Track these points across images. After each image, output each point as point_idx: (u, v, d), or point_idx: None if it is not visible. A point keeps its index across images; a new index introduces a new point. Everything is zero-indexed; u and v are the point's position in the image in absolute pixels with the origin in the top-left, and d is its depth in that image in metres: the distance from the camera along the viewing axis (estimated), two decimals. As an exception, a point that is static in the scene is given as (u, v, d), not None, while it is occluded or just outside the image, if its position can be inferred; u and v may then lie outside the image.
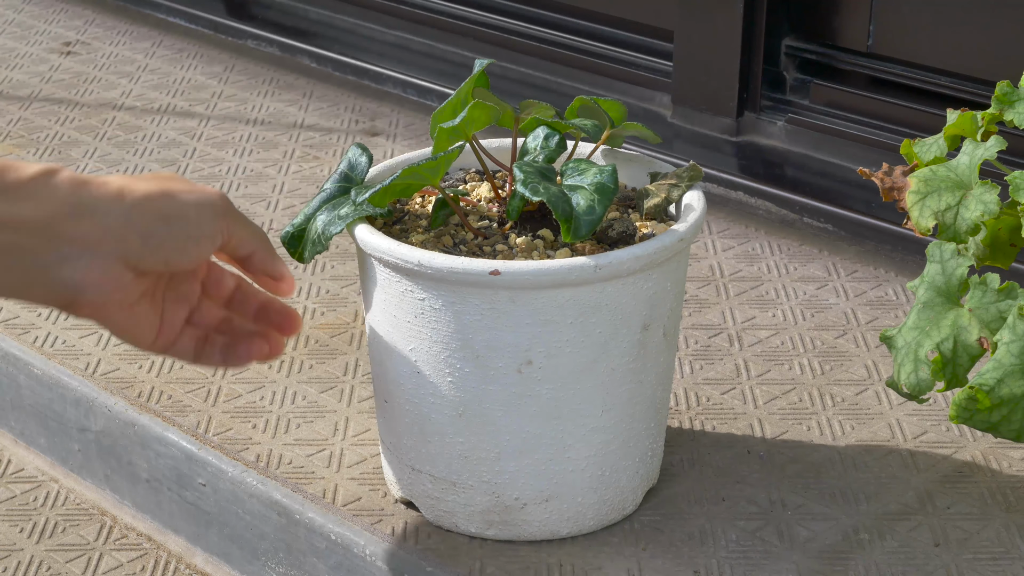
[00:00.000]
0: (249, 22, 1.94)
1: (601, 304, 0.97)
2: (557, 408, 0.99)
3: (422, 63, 1.80)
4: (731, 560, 1.01)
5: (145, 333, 0.95)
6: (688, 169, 1.05)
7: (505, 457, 1.00)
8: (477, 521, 1.03)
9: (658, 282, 0.99)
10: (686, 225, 1.00)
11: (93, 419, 1.22)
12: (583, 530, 1.04)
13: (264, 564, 1.12)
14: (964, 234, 1.01)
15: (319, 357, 1.25)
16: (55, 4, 2.09)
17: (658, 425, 1.05)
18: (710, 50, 1.54)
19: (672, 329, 1.03)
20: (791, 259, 1.39)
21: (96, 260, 0.89)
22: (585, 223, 0.97)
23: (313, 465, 1.11)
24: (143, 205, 0.90)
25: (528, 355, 0.97)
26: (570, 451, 1.00)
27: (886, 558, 1.01)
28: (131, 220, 0.89)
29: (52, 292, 0.89)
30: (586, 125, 1.05)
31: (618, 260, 0.96)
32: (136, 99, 1.77)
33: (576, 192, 0.98)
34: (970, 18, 1.40)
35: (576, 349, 0.97)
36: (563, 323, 0.97)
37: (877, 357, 1.23)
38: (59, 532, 1.21)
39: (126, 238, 0.89)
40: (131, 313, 0.93)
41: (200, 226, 0.92)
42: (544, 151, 1.04)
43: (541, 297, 0.96)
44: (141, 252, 0.90)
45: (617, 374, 0.99)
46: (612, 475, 1.03)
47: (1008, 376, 0.98)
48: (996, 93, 1.06)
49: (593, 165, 1.00)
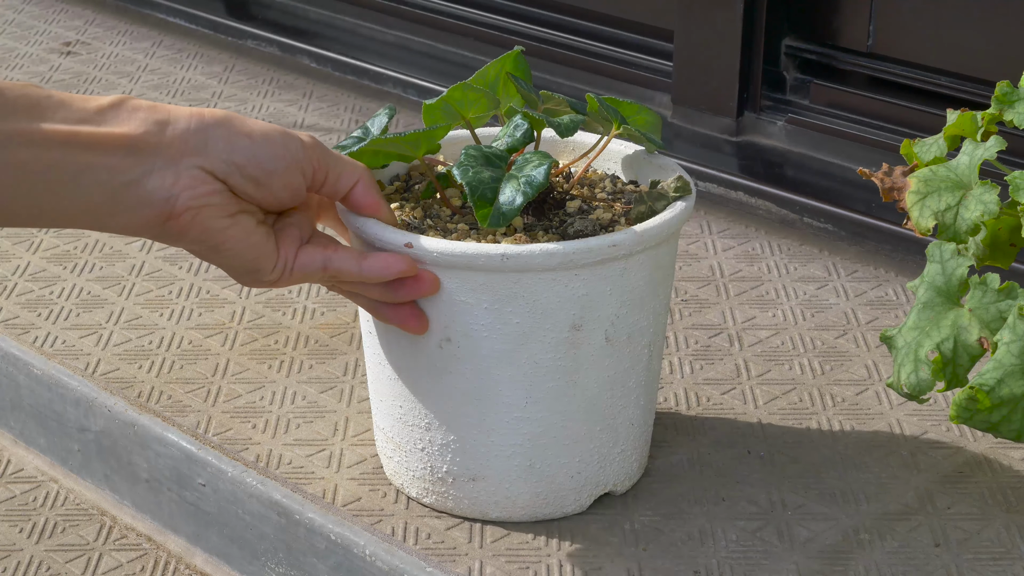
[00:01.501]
0: (249, 22, 1.94)
1: (516, 294, 0.97)
2: (478, 389, 1.00)
3: (422, 63, 1.80)
4: (731, 560, 1.01)
5: (264, 256, 0.94)
6: (677, 181, 1.03)
7: (434, 428, 1.03)
8: (416, 487, 1.06)
9: (590, 284, 0.98)
10: (626, 235, 0.98)
11: (93, 419, 1.22)
12: (513, 517, 1.05)
13: (264, 564, 1.12)
14: (964, 234, 1.01)
15: (319, 357, 1.25)
16: (55, 4, 2.09)
17: (609, 433, 1.04)
18: (710, 50, 1.54)
19: (622, 336, 1.01)
20: (791, 259, 1.39)
21: (183, 171, 0.89)
22: (500, 213, 0.96)
23: (313, 465, 1.11)
24: (224, 124, 0.91)
25: (447, 332, 0.99)
26: (494, 435, 1.02)
27: (886, 558, 1.01)
28: (214, 136, 0.90)
29: (146, 207, 0.89)
30: (562, 120, 1.03)
31: (528, 253, 0.96)
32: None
33: (509, 182, 0.98)
34: (970, 18, 1.40)
35: (492, 335, 0.98)
36: (478, 307, 0.98)
37: (877, 357, 1.23)
38: (59, 532, 1.21)
39: (208, 152, 0.90)
40: (239, 226, 0.92)
41: (286, 148, 0.93)
42: (509, 138, 1.02)
43: (455, 277, 0.97)
44: (226, 167, 0.91)
45: (542, 368, 1.00)
46: (545, 469, 1.03)
47: (1008, 376, 0.98)
48: (996, 93, 1.06)
49: (543, 159, 0.99)
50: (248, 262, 0.94)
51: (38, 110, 0.86)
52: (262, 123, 0.93)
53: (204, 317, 1.31)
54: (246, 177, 0.91)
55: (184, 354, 1.25)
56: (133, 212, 0.89)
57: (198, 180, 0.90)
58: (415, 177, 1.09)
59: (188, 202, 0.90)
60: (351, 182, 0.97)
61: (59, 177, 0.86)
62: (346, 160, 0.97)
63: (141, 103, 0.90)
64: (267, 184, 0.92)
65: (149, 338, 1.28)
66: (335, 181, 0.96)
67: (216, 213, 0.91)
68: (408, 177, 1.09)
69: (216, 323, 1.30)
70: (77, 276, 1.38)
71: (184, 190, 0.89)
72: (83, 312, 1.32)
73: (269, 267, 0.95)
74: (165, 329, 1.29)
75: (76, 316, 1.32)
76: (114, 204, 0.88)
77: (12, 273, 1.39)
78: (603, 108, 1.03)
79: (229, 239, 0.92)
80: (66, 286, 1.37)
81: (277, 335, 1.28)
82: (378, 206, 0.98)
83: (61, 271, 1.39)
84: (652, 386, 1.06)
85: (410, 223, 1.02)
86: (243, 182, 0.91)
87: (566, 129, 1.01)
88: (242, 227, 0.93)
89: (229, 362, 1.24)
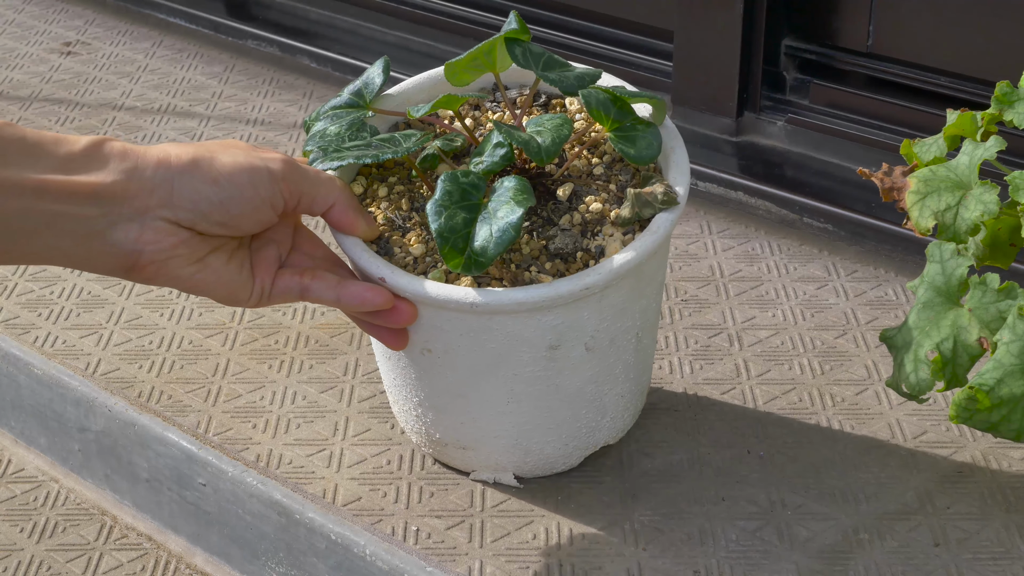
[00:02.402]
0: (249, 22, 1.94)
1: (490, 327, 0.97)
2: (462, 388, 1.02)
3: (422, 63, 1.79)
4: (731, 560, 1.01)
5: (238, 289, 0.95)
6: (665, 192, 1.01)
7: (424, 408, 1.05)
8: (416, 438, 1.10)
9: (565, 316, 0.98)
10: (600, 275, 0.96)
11: (93, 419, 1.22)
12: (501, 479, 1.08)
13: (264, 564, 1.12)
14: (964, 234, 1.01)
15: (319, 357, 1.25)
16: (55, 4, 2.09)
17: (596, 411, 1.05)
18: (710, 50, 1.54)
19: (603, 343, 1.01)
20: (791, 259, 1.39)
21: (148, 223, 0.89)
22: (475, 262, 0.95)
23: (313, 465, 1.11)
24: (190, 170, 0.90)
25: (427, 344, 1.00)
26: (480, 422, 1.03)
27: (886, 558, 1.01)
28: (179, 186, 0.90)
29: (111, 257, 0.90)
30: (543, 143, 0.98)
31: (496, 303, 0.95)
32: (136, 99, 1.77)
33: (483, 224, 0.95)
34: (970, 18, 1.40)
35: (470, 354, 0.99)
36: (453, 333, 0.98)
37: (877, 357, 1.23)
38: (59, 532, 1.21)
39: (174, 203, 0.90)
40: (208, 269, 0.93)
41: (255, 189, 0.92)
42: (488, 160, 0.99)
43: (426, 308, 0.98)
44: (192, 216, 0.91)
45: (522, 378, 1.00)
46: (532, 446, 1.05)
47: (1008, 376, 0.98)
48: (996, 93, 1.06)
49: (519, 195, 0.95)
50: (223, 296, 0.95)
51: (9, 155, 0.86)
52: (230, 162, 0.92)
53: (204, 317, 1.31)
54: (213, 223, 0.91)
55: (184, 354, 1.25)
56: (101, 259, 0.90)
57: (163, 233, 0.90)
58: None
59: (152, 255, 0.90)
60: (327, 204, 0.97)
61: (30, 224, 0.86)
62: (322, 180, 0.96)
63: (114, 148, 0.89)
64: (236, 225, 0.93)
65: (149, 338, 1.28)
66: (309, 204, 0.96)
67: (183, 263, 0.91)
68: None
69: (216, 323, 1.30)
70: (77, 276, 1.38)
71: (148, 244, 0.89)
72: (83, 312, 1.32)
73: (245, 296, 0.96)
74: (165, 329, 1.29)
75: (76, 316, 1.32)
76: (84, 250, 0.89)
77: (12, 273, 1.39)
78: (597, 107, 1.01)
79: (199, 283, 0.93)
80: (66, 286, 1.37)
81: (277, 335, 1.28)
82: (354, 225, 0.98)
83: (61, 271, 1.39)
84: (645, 357, 1.07)
85: (394, 220, 1.02)
86: (210, 227, 0.91)
87: (546, 153, 0.97)
88: (212, 269, 0.93)
89: (229, 362, 1.24)
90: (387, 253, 1.01)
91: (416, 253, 1.00)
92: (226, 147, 0.93)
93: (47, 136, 0.88)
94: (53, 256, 0.89)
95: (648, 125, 1.02)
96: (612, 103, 1.01)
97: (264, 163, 0.93)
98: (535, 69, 1.02)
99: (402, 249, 1.01)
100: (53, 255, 0.89)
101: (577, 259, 0.99)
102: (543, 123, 1.00)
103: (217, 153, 0.92)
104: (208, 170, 0.91)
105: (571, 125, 1.00)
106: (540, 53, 1.03)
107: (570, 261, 0.99)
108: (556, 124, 1.00)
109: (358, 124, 1.03)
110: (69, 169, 0.88)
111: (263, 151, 0.95)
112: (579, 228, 1.01)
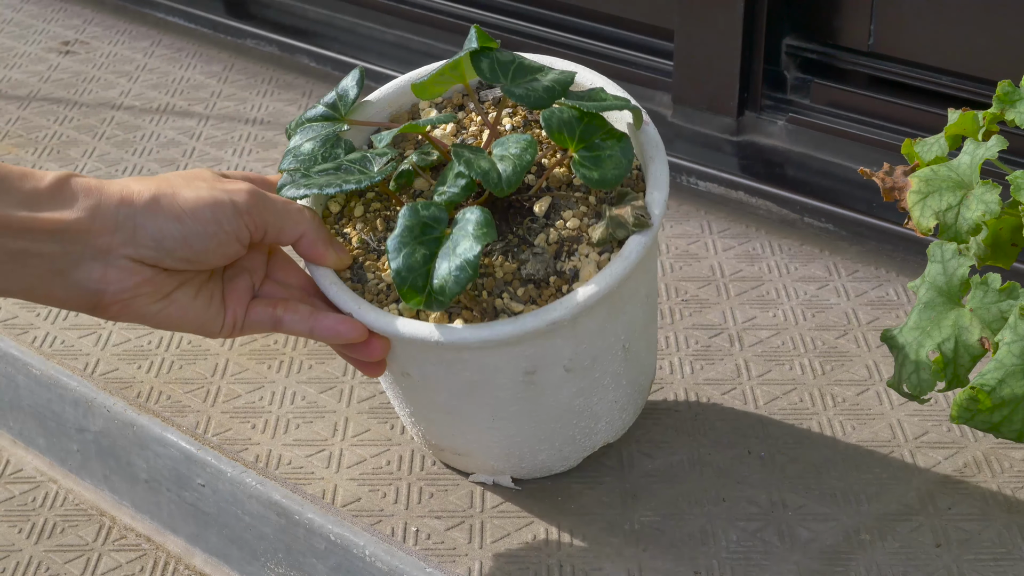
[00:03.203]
0: (248, 21, 1.94)
1: (462, 359, 0.97)
2: (446, 405, 1.01)
3: (422, 63, 1.79)
4: (732, 561, 1.01)
5: (208, 322, 0.94)
6: (636, 216, 0.97)
7: (417, 418, 1.05)
8: (414, 435, 1.09)
9: (537, 346, 0.96)
10: (566, 308, 0.94)
11: (92, 419, 1.22)
12: (500, 481, 1.08)
13: (263, 565, 1.12)
14: (965, 234, 1.01)
15: (318, 357, 1.24)
16: (54, 3, 2.09)
17: (589, 419, 1.04)
18: (710, 49, 1.54)
19: (584, 363, 0.99)
20: (792, 259, 1.39)
21: (111, 262, 0.89)
22: (435, 300, 0.93)
23: (312, 466, 1.11)
24: (152, 208, 0.89)
25: (405, 368, 0.99)
26: (468, 435, 1.03)
27: (887, 559, 1.01)
28: (141, 224, 0.89)
29: (74, 295, 0.89)
30: (504, 171, 0.95)
31: (461, 341, 0.94)
32: (135, 98, 1.77)
33: (443, 260, 0.93)
34: (971, 17, 1.40)
35: (446, 380, 0.98)
36: (427, 363, 0.98)
37: (878, 357, 1.23)
38: (58, 533, 1.21)
39: (137, 242, 0.89)
40: (175, 305, 0.92)
41: (219, 224, 0.91)
42: (451, 190, 0.97)
43: (397, 340, 0.97)
44: (155, 254, 0.90)
45: (502, 399, 0.99)
46: (525, 454, 1.04)
47: (1009, 376, 0.98)
48: (997, 92, 1.06)
49: (480, 230, 0.93)
50: (193, 329, 0.94)
51: None
52: (193, 197, 0.90)
53: (203, 317, 1.31)
54: (177, 259, 0.90)
55: (183, 354, 1.25)
56: (64, 297, 0.89)
57: (127, 272, 0.89)
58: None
59: (117, 295, 0.89)
60: (295, 236, 0.95)
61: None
62: (290, 211, 0.95)
63: (79, 185, 0.88)
64: (201, 260, 0.91)
65: (148, 338, 1.28)
66: (276, 235, 0.95)
67: (148, 300, 0.91)
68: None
69: (215, 323, 1.30)
70: (76, 276, 1.38)
71: (112, 283, 0.89)
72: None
73: (216, 328, 0.95)
74: (164, 329, 1.29)
75: (75, 316, 1.32)
76: (48, 287, 0.88)
77: (11, 273, 1.39)
78: (559, 129, 0.96)
79: (166, 319, 0.92)
80: (65, 286, 1.37)
81: (277, 335, 1.28)
82: (324, 256, 0.97)
83: (60, 271, 1.39)
84: (639, 361, 1.05)
85: (368, 242, 1.01)
86: (175, 263, 0.90)
87: (507, 184, 0.94)
88: (178, 305, 0.92)
89: (228, 362, 1.24)
90: (360, 280, 0.99)
91: (389, 280, 0.99)
92: (189, 180, 0.92)
93: (13, 170, 0.87)
94: (15, 291, 0.88)
95: (619, 139, 0.97)
96: (578, 121, 0.97)
97: (228, 196, 0.91)
98: (502, 82, 0.98)
99: (375, 275, 0.99)
100: (15, 291, 0.88)
101: (551, 284, 0.97)
102: (508, 146, 0.96)
103: (179, 188, 0.91)
104: (170, 206, 0.89)
105: (536, 147, 0.96)
106: (509, 62, 0.99)
107: (543, 286, 0.97)
108: (521, 148, 0.96)
109: (332, 140, 1.00)
110: (33, 206, 0.87)
111: (229, 182, 0.93)
112: (555, 247, 0.98)
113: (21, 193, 0.87)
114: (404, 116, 1.08)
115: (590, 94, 1.00)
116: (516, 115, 1.05)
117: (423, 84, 1.01)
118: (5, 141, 1.66)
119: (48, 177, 0.88)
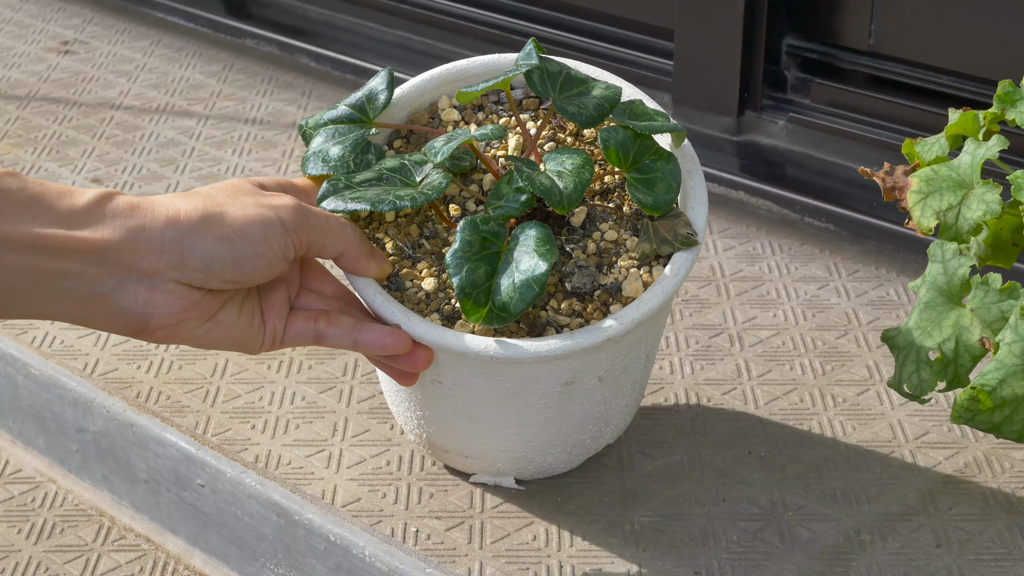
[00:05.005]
0: (248, 21, 1.94)
1: (506, 371, 0.96)
2: (470, 412, 1.01)
3: (422, 63, 1.79)
4: (732, 561, 1.01)
5: (250, 340, 0.92)
6: (686, 235, 0.98)
7: (428, 421, 1.04)
8: (413, 438, 1.09)
9: (583, 359, 0.97)
10: (618, 326, 0.95)
11: (91, 420, 1.21)
12: (502, 482, 1.07)
13: (263, 565, 1.12)
14: (966, 234, 1.01)
15: (318, 357, 1.24)
16: (53, 3, 2.09)
17: (602, 424, 1.04)
18: (711, 49, 1.53)
19: (616, 373, 1.00)
20: (792, 259, 1.39)
21: (157, 285, 0.86)
22: (497, 316, 0.93)
23: (312, 466, 1.11)
24: (202, 229, 0.87)
25: (438, 376, 0.99)
26: (485, 441, 1.03)
27: (888, 559, 1.01)
28: (190, 246, 0.86)
29: (118, 319, 0.86)
30: (565, 188, 0.95)
31: (516, 356, 0.94)
32: (134, 98, 1.77)
33: (505, 276, 0.93)
34: (972, 17, 1.40)
35: (483, 390, 0.98)
36: (468, 373, 0.97)
37: (878, 357, 1.23)
38: (57, 533, 1.21)
39: (185, 265, 0.86)
40: (220, 326, 0.90)
41: (268, 244, 0.89)
42: (507, 208, 0.96)
43: (443, 353, 0.97)
44: (204, 276, 0.87)
45: (533, 408, 0.99)
46: (535, 457, 1.04)
47: (1010, 376, 0.98)
48: (998, 92, 1.06)
49: (544, 250, 0.93)
50: (235, 347, 0.92)
51: (7, 206, 0.82)
52: (242, 216, 0.88)
53: (203, 317, 1.31)
54: (225, 280, 0.88)
55: (183, 354, 1.25)
56: (107, 321, 0.86)
57: (174, 296, 0.86)
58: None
59: (164, 319, 0.87)
60: (337, 252, 0.94)
61: (26, 281, 0.83)
62: (332, 228, 0.93)
63: (120, 203, 0.85)
64: (248, 280, 0.89)
65: (148, 338, 1.28)
66: (319, 251, 0.93)
67: (194, 324, 0.89)
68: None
69: (215, 323, 1.30)
70: (76, 276, 1.38)
71: (159, 307, 0.86)
72: (81, 312, 1.32)
73: (257, 345, 0.93)
74: (164, 329, 1.29)
75: (74, 316, 1.31)
76: (87, 310, 0.85)
77: (10, 273, 1.39)
78: (616, 148, 0.97)
79: (211, 340, 0.90)
80: (64, 286, 1.36)
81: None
82: (365, 269, 0.95)
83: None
84: (649, 368, 1.06)
85: (403, 249, 1.00)
86: (222, 284, 0.88)
87: (569, 202, 0.94)
88: (223, 325, 0.90)
89: (228, 362, 1.24)
90: (398, 288, 0.99)
91: (428, 288, 0.98)
92: (234, 196, 0.89)
93: (51, 188, 0.84)
94: (55, 314, 0.85)
95: (667, 160, 0.98)
96: (632, 141, 0.98)
97: (275, 213, 0.89)
98: (552, 95, 0.99)
99: (413, 284, 0.99)
100: (54, 313, 0.85)
101: (595, 298, 0.98)
102: (564, 164, 0.96)
103: (226, 206, 0.88)
104: (220, 227, 0.87)
105: (592, 167, 0.96)
106: (557, 72, 0.99)
107: (587, 300, 0.98)
108: (578, 166, 0.96)
109: (362, 145, 0.99)
110: (71, 224, 0.84)
111: (272, 196, 0.91)
112: (595, 259, 0.99)
113: (58, 211, 0.84)
114: (423, 116, 1.07)
115: (632, 109, 1.00)
116: (539, 118, 1.05)
117: (470, 94, 0.99)
118: (4, 141, 1.66)
119: (87, 195, 0.85)
